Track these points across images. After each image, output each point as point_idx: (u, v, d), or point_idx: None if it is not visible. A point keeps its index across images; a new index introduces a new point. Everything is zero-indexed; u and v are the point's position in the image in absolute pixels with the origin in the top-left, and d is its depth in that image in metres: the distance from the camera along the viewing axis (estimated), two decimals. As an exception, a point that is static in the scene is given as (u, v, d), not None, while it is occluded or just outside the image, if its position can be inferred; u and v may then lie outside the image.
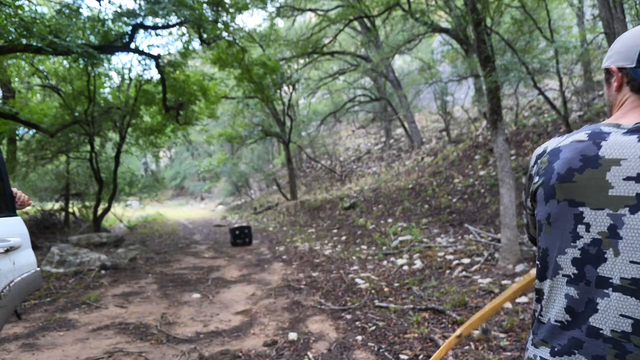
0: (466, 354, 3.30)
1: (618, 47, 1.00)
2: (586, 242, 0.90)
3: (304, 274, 6.65)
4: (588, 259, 0.89)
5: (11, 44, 7.01)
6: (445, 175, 11.22)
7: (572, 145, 0.95)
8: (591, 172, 0.90)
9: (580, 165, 0.91)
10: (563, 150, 0.96)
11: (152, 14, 8.35)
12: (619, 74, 0.99)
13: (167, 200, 33.34)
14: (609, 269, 0.86)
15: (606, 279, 0.87)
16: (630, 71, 0.96)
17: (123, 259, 8.16)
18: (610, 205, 0.87)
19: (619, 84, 1.00)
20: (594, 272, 0.88)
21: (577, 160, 0.92)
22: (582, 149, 0.93)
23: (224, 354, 3.57)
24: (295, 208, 15.17)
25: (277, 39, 14.82)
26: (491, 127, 6.08)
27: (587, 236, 0.90)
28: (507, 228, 5.65)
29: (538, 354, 0.97)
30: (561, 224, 0.94)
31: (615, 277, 0.86)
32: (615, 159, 0.88)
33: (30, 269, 2.57)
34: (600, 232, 0.88)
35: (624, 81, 0.98)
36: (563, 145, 0.97)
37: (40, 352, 3.74)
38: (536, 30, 9.45)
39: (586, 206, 0.90)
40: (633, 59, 0.95)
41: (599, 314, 0.87)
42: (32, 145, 12.04)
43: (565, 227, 0.93)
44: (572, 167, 0.92)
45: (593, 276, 0.88)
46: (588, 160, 0.91)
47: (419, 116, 22.35)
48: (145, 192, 17.37)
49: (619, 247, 0.85)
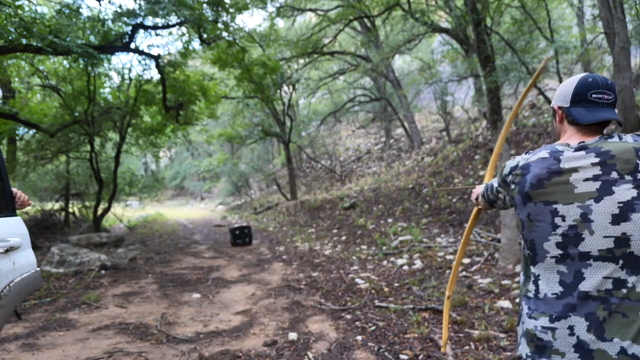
0: (466, 354, 3.30)
1: (559, 92, 1.37)
2: (564, 229, 1.21)
3: (304, 274, 6.65)
4: (569, 241, 1.20)
5: (11, 44, 7.01)
6: (445, 175, 11.22)
7: (539, 162, 1.27)
8: (557, 179, 1.23)
9: (547, 176, 1.24)
10: (532, 165, 1.28)
11: (152, 14, 8.35)
12: (559, 111, 1.38)
13: (167, 200, 33.35)
14: (588, 245, 1.17)
15: (586, 252, 1.17)
16: (565, 109, 1.34)
17: (123, 259, 8.16)
18: (577, 200, 1.20)
19: (560, 118, 1.38)
20: (575, 250, 1.18)
21: (544, 172, 1.25)
22: (546, 164, 1.25)
23: (224, 354, 3.57)
24: (295, 208, 15.17)
25: (277, 39, 14.82)
26: (491, 127, 6.08)
27: (564, 224, 1.21)
28: (507, 228, 5.65)
29: (538, 324, 1.23)
30: (541, 219, 1.25)
31: (594, 250, 1.16)
32: (573, 167, 1.22)
33: (30, 269, 2.57)
34: (574, 219, 1.19)
35: (564, 116, 1.36)
36: (531, 161, 1.29)
37: (40, 352, 3.74)
38: (536, 30, 9.45)
39: (558, 203, 1.22)
40: (567, 101, 1.33)
41: (586, 281, 1.16)
42: (32, 145, 12.03)
43: (545, 221, 1.24)
44: (541, 177, 1.25)
45: (576, 253, 1.18)
46: (552, 171, 1.24)
47: (419, 116, 22.35)
48: (145, 192, 17.36)
49: (592, 227, 1.17)
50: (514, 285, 4.83)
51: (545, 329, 1.21)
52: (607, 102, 1.29)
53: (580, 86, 1.31)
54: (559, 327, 1.18)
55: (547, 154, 1.27)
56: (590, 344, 1.13)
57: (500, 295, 4.64)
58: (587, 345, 1.14)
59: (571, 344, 1.16)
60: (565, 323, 1.17)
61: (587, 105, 1.30)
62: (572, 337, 1.16)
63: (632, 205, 1.14)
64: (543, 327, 1.21)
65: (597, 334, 1.13)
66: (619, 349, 1.10)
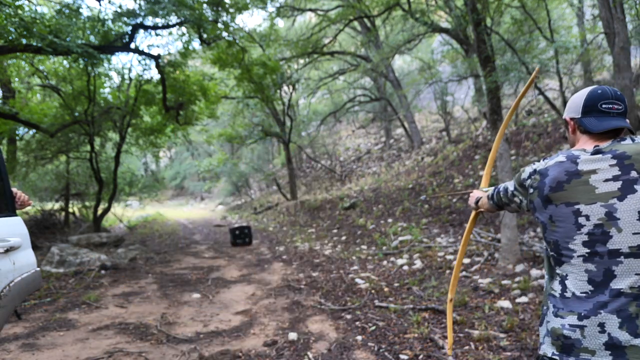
0: (466, 354, 3.30)
1: (570, 104, 1.45)
2: (590, 227, 1.23)
3: (304, 274, 6.65)
4: (596, 239, 1.22)
5: (11, 44, 7.01)
6: (445, 175, 11.22)
7: (556, 165, 1.33)
8: (576, 181, 1.27)
9: (566, 178, 1.29)
10: (550, 169, 1.34)
11: (152, 14, 8.35)
12: (571, 122, 1.44)
13: (167, 200, 33.33)
14: (617, 242, 1.19)
15: (616, 250, 1.19)
16: (577, 120, 1.40)
17: (123, 259, 8.16)
18: (600, 200, 1.23)
19: (573, 129, 1.44)
20: (604, 248, 1.21)
21: (563, 175, 1.30)
22: (565, 167, 1.31)
23: (224, 354, 3.57)
24: (295, 208, 15.17)
25: (277, 39, 14.82)
26: (491, 127, 6.08)
27: (589, 223, 1.24)
28: (507, 228, 5.66)
29: (566, 322, 1.24)
30: (564, 219, 1.28)
31: (624, 247, 1.18)
32: (592, 169, 1.27)
33: (30, 269, 2.57)
34: (599, 218, 1.23)
35: (576, 127, 1.42)
36: (549, 166, 1.35)
37: (40, 352, 3.74)
38: (536, 30, 9.45)
39: (580, 204, 1.26)
40: (579, 112, 1.40)
41: (618, 278, 1.18)
42: (32, 145, 12.03)
43: (568, 221, 1.27)
44: (560, 180, 1.30)
45: (605, 251, 1.20)
46: (571, 174, 1.29)
47: (419, 116, 22.34)
48: (145, 192, 17.36)
49: (620, 225, 1.20)
50: (514, 285, 4.83)
51: (574, 327, 1.21)
52: (618, 112, 1.34)
53: (590, 98, 1.37)
54: (589, 324, 1.18)
55: (564, 157, 1.33)
56: (623, 340, 1.14)
57: (500, 295, 4.64)
58: (619, 342, 1.14)
59: (602, 342, 1.16)
60: (596, 320, 1.17)
61: (597, 115, 1.35)
62: (603, 334, 1.16)
63: None
64: (571, 325, 1.22)
65: (629, 330, 1.14)
66: None
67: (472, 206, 1.89)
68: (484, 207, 1.80)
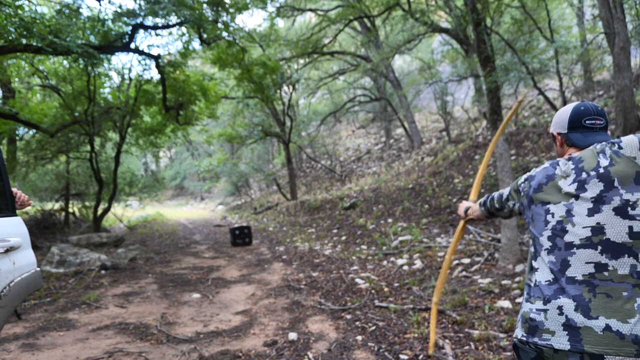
0: (466, 354, 3.30)
1: (556, 120, 1.60)
2: (553, 223, 1.40)
3: (304, 274, 6.65)
4: (556, 234, 1.38)
5: (11, 44, 7.01)
6: (445, 175, 11.22)
7: (541, 171, 1.51)
8: (551, 183, 1.45)
9: (546, 181, 1.47)
10: (536, 175, 1.52)
11: (152, 14, 8.35)
12: (559, 137, 1.58)
13: (167, 200, 33.34)
14: (571, 236, 1.35)
15: (570, 242, 1.34)
16: (564, 135, 1.55)
17: (123, 259, 8.16)
18: (563, 199, 1.40)
19: (560, 143, 1.58)
20: (562, 241, 1.36)
21: (543, 178, 1.48)
22: (546, 171, 1.49)
23: (224, 354, 3.57)
24: (295, 208, 15.17)
25: (277, 39, 14.82)
26: (491, 127, 6.08)
27: (553, 220, 1.41)
28: (507, 228, 5.65)
29: (533, 307, 1.38)
30: (539, 217, 1.46)
31: (576, 240, 1.33)
32: (563, 174, 1.44)
33: (30, 269, 2.57)
34: (561, 215, 1.39)
35: (563, 141, 1.57)
36: (536, 172, 1.53)
37: (40, 352, 3.74)
38: (536, 30, 9.45)
39: (551, 203, 1.43)
40: (565, 127, 1.55)
41: (572, 267, 1.32)
42: (32, 145, 12.03)
43: (541, 219, 1.45)
44: (541, 183, 1.48)
45: (562, 243, 1.36)
46: (549, 176, 1.47)
47: (419, 116, 22.34)
48: (145, 192, 17.36)
49: (574, 220, 1.35)
50: (514, 285, 4.83)
51: (539, 311, 1.34)
52: (600, 127, 1.51)
53: (574, 114, 1.53)
54: (550, 308, 1.31)
55: (549, 164, 1.51)
56: (578, 322, 1.25)
57: (500, 295, 4.63)
58: (574, 323, 1.25)
59: (560, 323, 1.28)
60: (555, 304, 1.31)
61: (582, 130, 1.51)
62: (561, 316, 1.28)
63: (602, 197, 1.33)
64: (537, 309, 1.35)
65: (583, 312, 1.25)
66: (604, 326, 1.21)
67: (461, 215, 2.06)
68: (474, 214, 1.97)
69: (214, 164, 20.60)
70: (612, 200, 1.31)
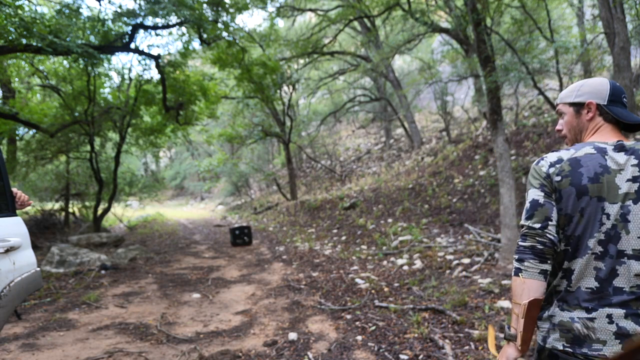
0: (466, 354, 3.30)
1: (589, 89, 1.39)
2: (608, 227, 1.24)
3: (304, 274, 6.65)
4: (609, 239, 1.23)
5: (11, 44, 7.01)
6: (445, 175, 11.22)
7: (588, 157, 1.28)
8: (608, 177, 1.25)
9: (601, 171, 1.26)
10: (582, 160, 1.28)
11: (152, 14, 8.35)
12: (593, 107, 1.37)
13: (167, 200, 33.32)
14: (624, 244, 1.22)
15: (622, 251, 1.22)
16: (604, 107, 1.36)
17: (123, 259, 8.16)
18: (620, 200, 1.23)
19: (594, 114, 1.38)
20: (614, 248, 1.23)
21: (598, 167, 1.26)
22: (597, 159, 1.27)
23: (224, 354, 3.57)
24: (295, 208, 15.17)
25: (277, 39, 14.82)
26: (491, 127, 6.08)
27: (608, 223, 1.24)
28: (507, 228, 5.65)
29: (575, 316, 1.26)
30: (592, 215, 1.25)
31: (628, 249, 1.22)
32: (618, 168, 1.26)
33: (30, 269, 2.57)
34: (616, 219, 1.23)
35: (597, 113, 1.37)
36: (579, 156, 1.29)
37: (40, 352, 3.74)
38: (536, 30, 9.45)
39: (606, 201, 1.24)
40: (605, 99, 1.36)
41: (619, 277, 1.22)
42: (32, 145, 12.03)
43: (594, 218, 1.25)
44: (597, 172, 1.26)
45: (614, 251, 1.23)
46: (604, 167, 1.26)
47: (419, 116, 22.34)
48: (145, 192, 17.36)
49: (629, 227, 1.22)
50: (514, 285, 4.82)
51: (583, 319, 1.24)
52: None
53: (614, 87, 1.37)
54: (598, 317, 1.22)
55: (593, 149, 1.30)
56: (630, 330, 1.19)
57: (500, 295, 4.63)
58: (626, 331, 1.20)
59: (612, 332, 1.21)
60: (604, 312, 1.22)
61: (622, 106, 1.37)
62: (612, 325, 1.21)
63: None
64: (580, 318, 1.24)
65: (634, 320, 1.20)
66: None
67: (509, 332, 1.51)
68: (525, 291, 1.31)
69: (214, 164, 20.59)
70: None
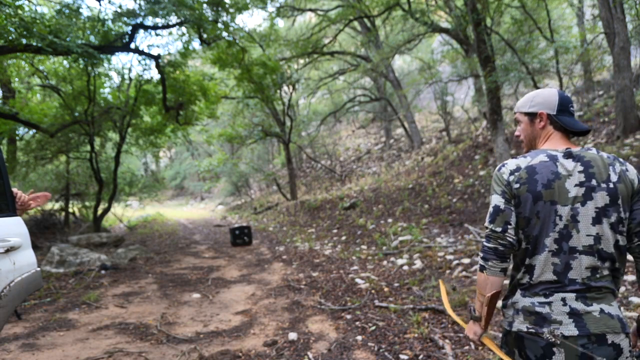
0: (466, 354, 3.30)
1: (540, 100, 1.57)
2: (561, 227, 1.42)
3: (304, 274, 6.65)
4: (562, 238, 1.43)
5: (11, 44, 7.01)
6: (445, 175, 11.22)
7: (543, 165, 1.46)
8: (559, 182, 1.43)
9: (553, 177, 1.43)
10: (537, 167, 1.46)
11: (152, 14, 8.35)
12: (544, 117, 1.55)
13: (167, 200, 33.32)
14: (575, 241, 1.42)
15: (574, 247, 1.42)
16: (554, 116, 1.54)
17: (123, 259, 8.16)
18: (570, 202, 1.42)
19: (545, 124, 1.55)
20: (567, 245, 1.42)
21: (550, 174, 1.44)
22: (550, 167, 1.45)
23: (224, 354, 3.57)
24: (295, 208, 15.17)
25: (277, 39, 14.82)
26: (491, 127, 6.09)
27: (561, 223, 1.42)
28: (507, 228, 5.64)
29: (535, 300, 1.46)
30: (546, 217, 1.43)
31: (579, 246, 1.42)
32: (567, 174, 1.44)
33: (30, 269, 2.57)
34: (567, 219, 1.42)
35: (548, 122, 1.55)
36: (535, 164, 1.46)
37: (40, 352, 3.74)
38: (536, 30, 9.46)
39: (558, 204, 1.42)
40: (554, 109, 1.53)
41: (573, 270, 1.42)
42: (32, 145, 12.03)
43: (549, 219, 1.43)
44: (550, 179, 1.43)
45: (567, 248, 1.42)
46: (556, 174, 1.44)
47: (419, 116, 22.34)
48: (145, 192, 17.36)
49: (579, 227, 1.42)
50: (514, 285, 4.82)
51: (542, 304, 1.44)
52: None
53: (562, 98, 1.54)
54: (554, 300, 1.43)
55: (547, 157, 1.47)
56: (580, 309, 1.40)
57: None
58: (577, 311, 1.40)
59: (565, 312, 1.41)
60: (559, 296, 1.43)
61: (569, 115, 1.54)
62: (565, 306, 1.41)
63: (605, 210, 1.41)
64: (540, 302, 1.45)
65: (583, 302, 1.41)
66: (599, 310, 1.40)
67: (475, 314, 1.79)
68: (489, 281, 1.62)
69: (214, 164, 20.60)
70: (612, 215, 1.42)
